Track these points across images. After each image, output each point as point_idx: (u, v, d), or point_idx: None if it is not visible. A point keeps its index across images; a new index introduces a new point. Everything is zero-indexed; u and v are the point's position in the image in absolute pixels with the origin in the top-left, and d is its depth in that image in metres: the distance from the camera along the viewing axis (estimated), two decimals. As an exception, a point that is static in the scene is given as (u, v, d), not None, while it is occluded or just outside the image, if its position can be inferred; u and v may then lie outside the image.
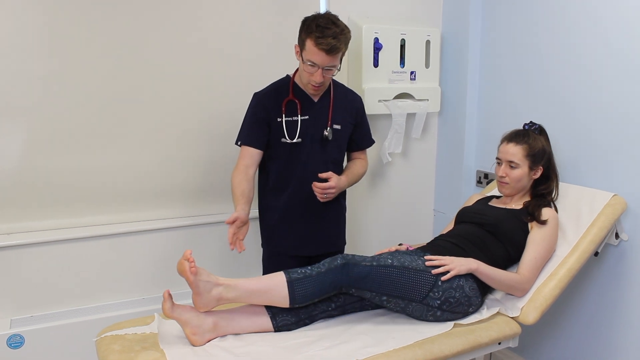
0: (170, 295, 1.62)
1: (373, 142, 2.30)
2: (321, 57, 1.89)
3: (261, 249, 2.23)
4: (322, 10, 2.09)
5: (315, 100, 2.08)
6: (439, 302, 1.74)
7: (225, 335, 1.65)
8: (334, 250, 2.20)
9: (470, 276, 1.82)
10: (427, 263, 1.77)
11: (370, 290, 1.71)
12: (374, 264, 1.72)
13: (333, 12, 1.97)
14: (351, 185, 2.19)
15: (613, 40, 2.07)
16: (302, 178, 2.05)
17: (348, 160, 2.26)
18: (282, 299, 1.65)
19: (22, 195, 2.12)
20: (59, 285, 2.21)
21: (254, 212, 2.25)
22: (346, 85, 2.56)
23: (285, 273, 1.68)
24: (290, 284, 1.65)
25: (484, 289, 1.89)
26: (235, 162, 2.06)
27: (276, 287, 1.65)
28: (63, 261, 2.20)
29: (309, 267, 1.71)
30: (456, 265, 1.78)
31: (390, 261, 1.75)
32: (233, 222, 1.89)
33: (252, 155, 2.04)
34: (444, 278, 1.74)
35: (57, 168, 2.16)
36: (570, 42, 2.24)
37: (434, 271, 1.76)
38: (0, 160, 2.07)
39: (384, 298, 1.73)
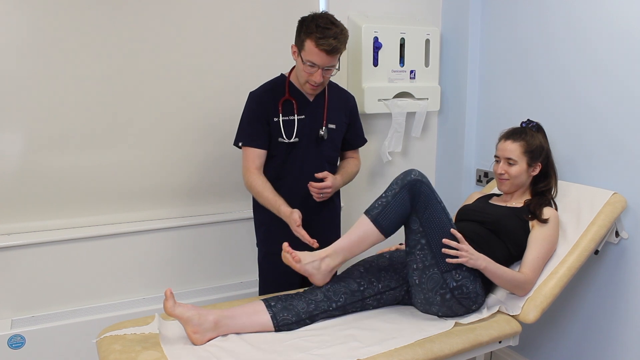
0: (172, 293, 1.62)
1: (365, 141, 2.29)
2: (322, 57, 1.89)
3: (256, 249, 2.22)
4: (321, 10, 2.08)
5: (311, 99, 2.08)
6: (455, 284, 1.75)
7: (227, 335, 1.65)
8: None
9: (479, 275, 1.83)
10: (444, 241, 1.75)
11: (423, 223, 1.74)
12: (441, 204, 1.77)
13: (332, 12, 1.97)
14: (345, 185, 2.19)
15: (613, 39, 2.07)
16: (297, 177, 2.05)
17: (341, 160, 2.26)
18: (377, 237, 1.75)
19: (22, 195, 2.12)
20: (59, 286, 2.21)
21: (249, 212, 2.25)
22: (346, 84, 2.57)
23: (366, 213, 1.75)
24: (376, 221, 1.73)
25: (487, 290, 1.89)
26: (235, 160, 2.05)
27: (366, 231, 1.74)
28: (64, 261, 2.20)
29: (383, 194, 1.76)
30: (467, 258, 1.76)
31: (450, 217, 1.79)
32: (300, 223, 1.91)
33: (260, 155, 2.04)
34: (448, 260, 1.74)
35: (58, 168, 2.16)
36: (570, 41, 2.24)
37: (448, 260, 1.75)
38: (0, 160, 2.07)
39: (424, 241, 1.75)
